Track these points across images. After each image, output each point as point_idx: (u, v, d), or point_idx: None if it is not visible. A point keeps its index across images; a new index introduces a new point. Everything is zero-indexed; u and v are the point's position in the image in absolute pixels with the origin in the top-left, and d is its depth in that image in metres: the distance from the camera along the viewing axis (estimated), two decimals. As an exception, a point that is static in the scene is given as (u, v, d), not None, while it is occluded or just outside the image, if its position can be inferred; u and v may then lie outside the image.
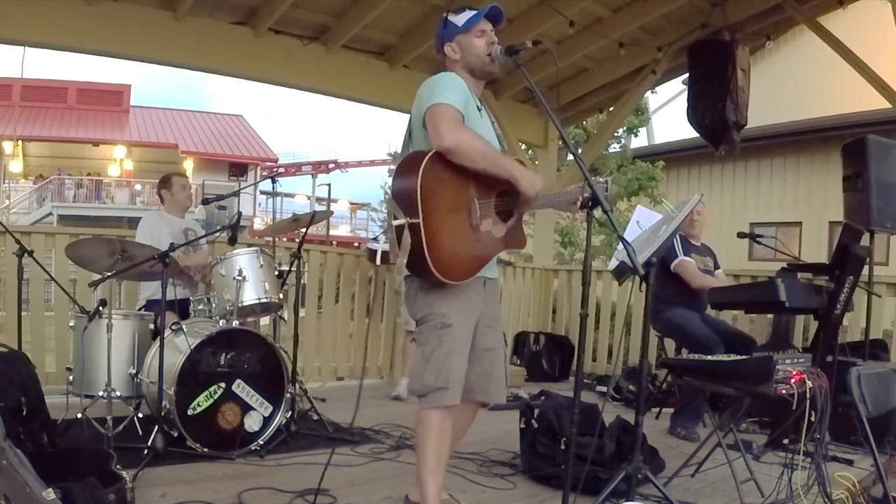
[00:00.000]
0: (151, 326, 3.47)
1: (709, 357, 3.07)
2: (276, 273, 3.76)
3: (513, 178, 2.25)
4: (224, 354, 3.17)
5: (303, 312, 4.82)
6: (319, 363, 5.25)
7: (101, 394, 3.11)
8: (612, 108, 7.01)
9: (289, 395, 3.41)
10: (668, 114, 47.77)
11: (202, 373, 3.10)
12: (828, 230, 9.67)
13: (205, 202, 3.89)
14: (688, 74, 5.76)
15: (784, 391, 2.57)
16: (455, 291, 2.27)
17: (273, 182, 11.65)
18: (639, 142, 13.32)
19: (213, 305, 3.51)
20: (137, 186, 24.55)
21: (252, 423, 3.21)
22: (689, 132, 6.02)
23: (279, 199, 27.25)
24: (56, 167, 23.72)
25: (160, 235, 3.76)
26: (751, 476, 2.96)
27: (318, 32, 5.22)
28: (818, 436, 2.64)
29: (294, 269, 3.90)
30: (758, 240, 4.61)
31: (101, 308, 3.07)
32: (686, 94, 5.73)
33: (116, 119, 25.42)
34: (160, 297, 3.10)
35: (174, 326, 3.26)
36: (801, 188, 10.68)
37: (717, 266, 4.49)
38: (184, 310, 3.70)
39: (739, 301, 4.03)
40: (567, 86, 6.49)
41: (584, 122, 10.97)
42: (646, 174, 11.30)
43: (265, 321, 4.21)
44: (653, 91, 9.53)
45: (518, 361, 6.28)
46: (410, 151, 2.32)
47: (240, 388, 3.18)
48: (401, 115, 6.34)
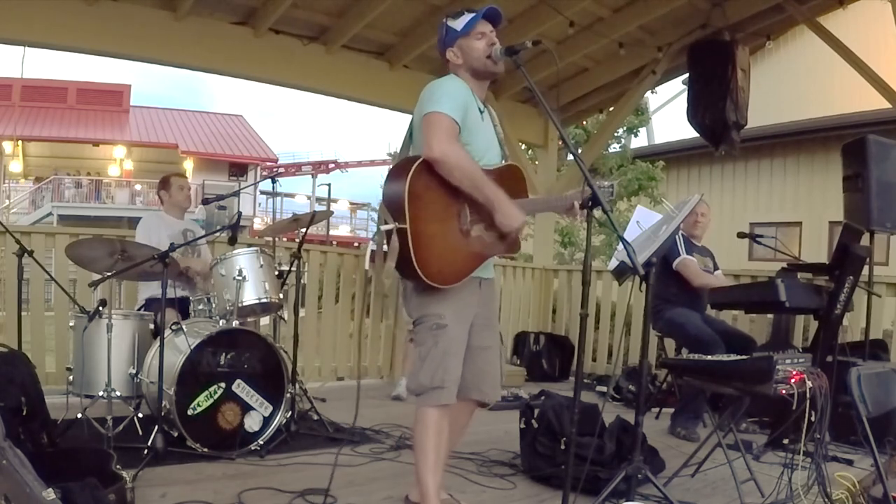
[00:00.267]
0: (151, 326, 3.47)
1: (709, 357, 3.07)
2: (276, 273, 3.76)
3: (492, 208, 2.24)
4: (224, 354, 3.17)
5: (303, 312, 4.82)
6: (319, 363, 5.25)
7: (101, 394, 3.12)
8: (612, 108, 7.01)
9: (289, 395, 3.41)
10: (668, 114, 47.85)
11: (202, 373, 3.10)
12: (828, 230, 9.68)
13: (205, 202, 3.89)
14: (688, 74, 5.76)
15: (784, 391, 2.57)
16: (450, 292, 2.28)
17: (273, 182, 11.66)
18: (639, 142, 13.35)
19: (213, 305, 3.51)
20: (137, 186, 24.56)
21: (252, 423, 3.21)
22: (689, 132, 6.02)
23: (279, 199, 27.28)
24: (56, 167, 23.72)
25: (159, 236, 3.76)
26: (751, 476, 2.96)
27: (318, 32, 5.22)
28: (818, 436, 2.64)
29: (294, 269, 3.90)
30: (758, 240, 4.61)
31: (101, 308, 3.08)
32: (686, 94, 5.73)
33: (116, 119, 25.42)
34: (160, 296, 3.10)
35: (174, 326, 3.26)
36: (801, 188, 10.69)
37: (717, 267, 4.51)
38: (184, 309, 3.70)
39: (739, 301, 4.03)
40: (567, 86, 6.49)
41: (584, 122, 10.96)
42: (646, 174, 11.30)
43: (265, 321, 4.21)
44: (653, 91, 9.53)
45: (518, 361, 6.28)
46: (406, 154, 2.32)
47: (240, 388, 3.19)
48: (401, 115, 6.34)
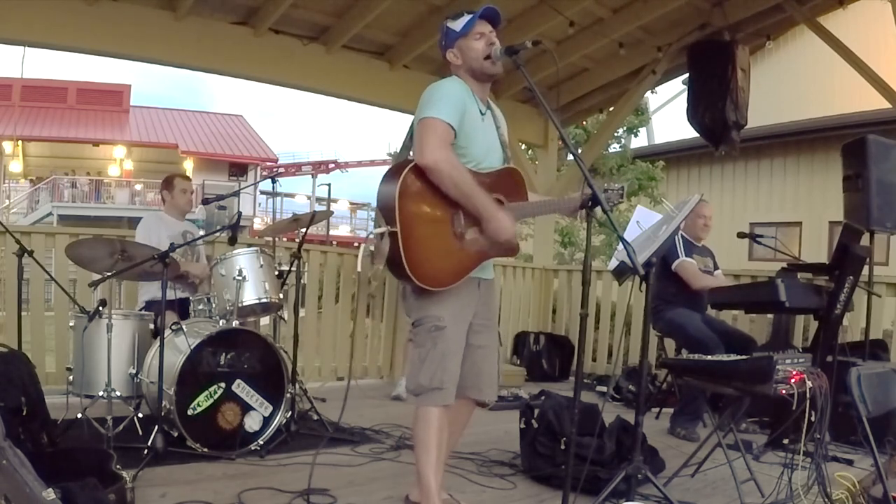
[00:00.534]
0: (151, 326, 3.47)
1: (709, 357, 3.07)
2: (276, 273, 3.76)
3: (481, 218, 2.24)
4: (224, 354, 3.17)
5: (303, 312, 4.82)
6: (319, 363, 5.25)
7: (101, 394, 3.11)
8: (612, 108, 7.01)
9: (289, 395, 3.41)
10: (668, 114, 47.83)
11: (202, 373, 3.10)
12: (828, 230, 9.68)
13: (205, 202, 3.89)
14: (688, 74, 5.76)
15: (784, 391, 2.57)
16: (448, 294, 2.28)
17: (273, 182, 11.65)
18: (639, 142, 13.36)
19: (213, 305, 3.51)
20: (137, 186, 24.55)
21: (252, 423, 3.21)
22: (689, 132, 6.03)
23: (279, 199, 27.29)
24: (56, 167, 23.72)
25: (158, 237, 3.75)
26: (751, 476, 2.96)
27: (318, 32, 5.22)
28: (818, 436, 2.64)
29: (294, 269, 3.90)
30: (758, 240, 4.61)
31: (101, 308, 3.07)
32: (686, 94, 5.73)
33: (116, 119, 25.42)
34: (160, 298, 3.10)
35: (174, 326, 3.26)
36: (801, 188, 10.69)
37: (717, 266, 4.50)
38: (184, 310, 3.70)
39: (739, 301, 4.03)
40: (567, 86, 6.49)
41: (584, 122, 10.96)
42: (646, 174, 11.30)
43: (265, 321, 4.21)
44: (653, 91, 9.53)
45: (518, 361, 6.28)
46: (405, 155, 2.33)
47: (240, 388, 3.19)
48: (401, 115, 6.34)
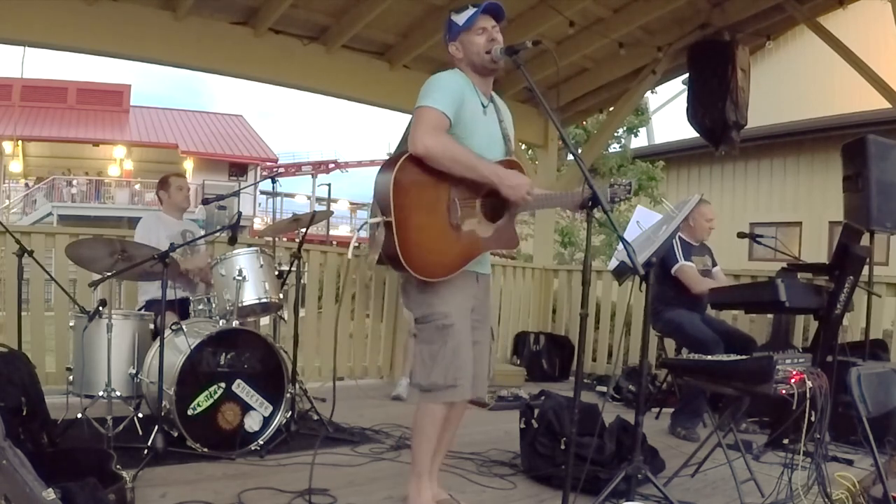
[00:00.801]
0: (151, 326, 3.47)
1: (709, 357, 3.07)
2: (276, 273, 3.76)
3: (492, 184, 2.26)
4: (224, 354, 3.17)
5: (303, 312, 4.82)
6: (319, 363, 5.25)
7: (101, 394, 3.11)
8: (612, 108, 7.00)
9: (289, 395, 3.41)
10: (668, 114, 47.81)
11: (202, 373, 3.10)
12: (828, 230, 9.68)
13: (205, 202, 3.89)
14: (688, 74, 5.77)
15: (784, 391, 2.57)
16: (451, 289, 2.30)
17: (273, 182, 11.68)
18: (639, 142, 13.35)
19: (213, 305, 3.51)
20: (137, 186, 24.55)
21: (252, 423, 3.21)
22: (689, 132, 6.03)
23: (279, 199, 27.32)
24: (56, 167, 23.71)
25: (158, 238, 3.75)
26: (751, 476, 2.96)
27: (318, 32, 5.21)
28: (818, 436, 2.64)
29: (294, 269, 3.90)
30: (758, 240, 4.61)
31: (101, 308, 3.07)
32: (686, 94, 5.73)
33: (116, 119, 25.43)
34: (160, 298, 3.10)
35: (174, 326, 3.26)
36: (801, 188, 10.69)
37: (715, 263, 4.48)
38: (184, 309, 3.70)
39: (739, 301, 4.03)
40: (567, 86, 6.49)
41: (584, 122, 10.96)
42: (646, 174, 11.29)
43: (265, 321, 4.21)
44: (653, 91, 9.53)
45: (518, 361, 6.28)
46: (402, 149, 2.34)
47: (240, 388, 3.19)
48: (401, 115, 6.33)
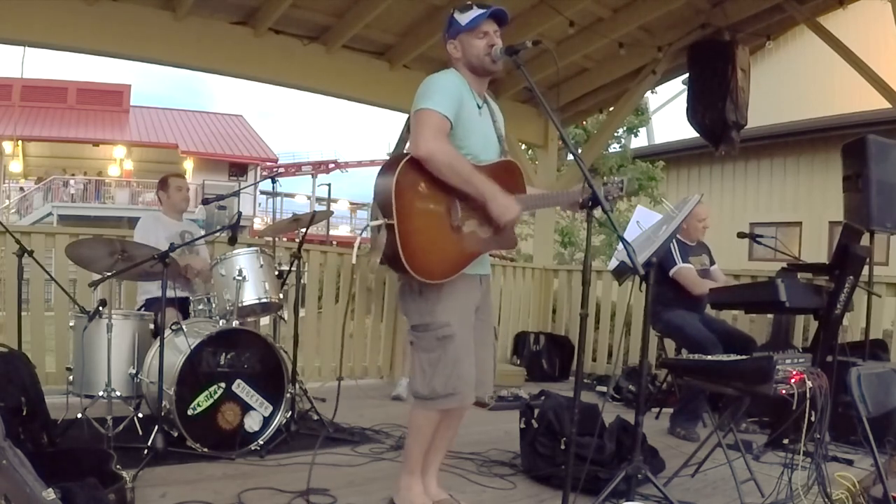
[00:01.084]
0: (151, 326, 3.47)
1: (709, 357, 3.07)
2: (276, 273, 3.76)
3: (483, 201, 2.25)
4: (224, 354, 3.17)
5: (303, 312, 4.82)
6: (319, 363, 5.25)
7: (101, 394, 3.11)
8: (612, 108, 7.00)
9: (289, 395, 3.41)
10: (668, 114, 47.82)
11: (202, 373, 3.10)
12: (828, 230, 9.68)
13: (205, 202, 3.89)
14: (688, 74, 5.76)
15: (784, 391, 2.57)
16: (454, 296, 2.29)
17: (273, 182, 11.67)
18: (639, 142, 13.35)
19: (213, 305, 3.51)
20: (137, 186, 24.54)
21: (252, 423, 3.21)
22: (689, 132, 6.03)
23: (279, 199, 27.32)
24: (56, 167, 23.70)
25: (157, 238, 3.74)
26: (751, 476, 2.96)
27: (318, 32, 5.21)
28: (818, 436, 2.64)
29: (294, 269, 3.90)
30: (758, 240, 4.61)
31: (101, 308, 3.07)
32: (686, 94, 5.73)
33: (116, 119, 25.42)
34: (159, 296, 3.10)
35: (174, 326, 3.25)
36: (801, 188, 10.69)
37: (713, 262, 4.47)
38: (184, 309, 3.70)
39: (739, 301, 4.03)
40: (567, 86, 6.48)
41: (584, 122, 10.96)
42: (646, 174, 11.29)
43: (265, 321, 4.21)
44: (653, 91, 9.53)
45: (518, 361, 6.28)
46: (401, 149, 2.33)
47: (240, 388, 3.19)
48: (401, 115, 6.33)
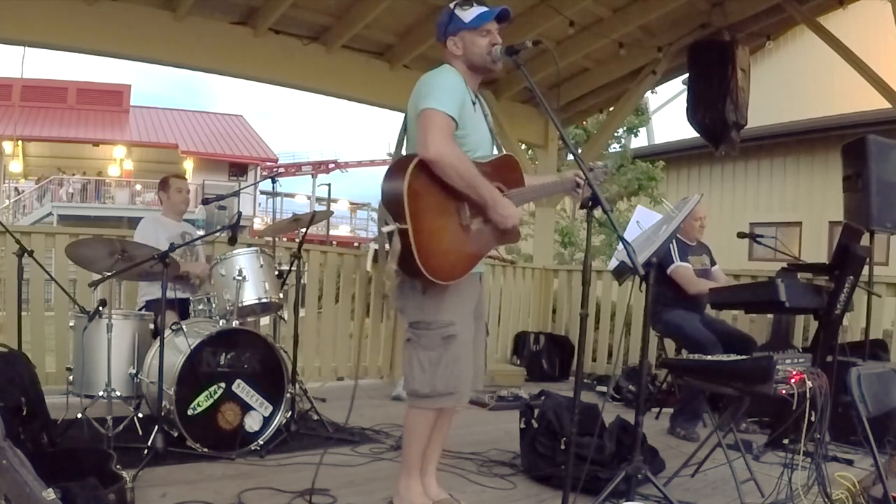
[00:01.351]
0: (151, 326, 3.47)
1: (709, 357, 3.07)
2: (276, 273, 3.76)
3: (485, 206, 2.24)
4: (224, 354, 3.17)
5: (303, 312, 4.82)
6: (319, 363, 5.25)
7: (101, 394, 3.11)
8: (612, 108, 7.01)
9: (289, 395, 3.41)
10: (668, 114, 47.77)
11: (202, 373, 3.10)
12: (828, 230, 9.68)
13: (205, 202, 3.89)
14: (688, 74, 5.76)
15: (784, 391, 2.57)
16: (455, 296, 2.29)
17: (273, 182, 11.65)
18: (639, 142, 13.34)
19: (213, 305, 3.51)
20: (137, 186, 24.54)
21: (252, 423, 3.21)
22: (689, 132, 6.03)
23: (279, 199, 27.28)
24: (56, 167, 23.69)
25: (157, 239, 3.74)
26: (751, 476, 2.96)
27: (318, 32, 5.22)
28: (818, 436, 2.64)
29: (294, 269, 3.90)
30: (758, 240, 4.60)
31: (101, 308, 3.07)
32: (686, 94, 5.73)
33: (116, 119, 25.41)
34: (160, 297, 3.10)
35: (174, 326, 3.26)
36: (801, 188, 10.69)
37: (714, 262, 4.47)
38: (184, 310, 3.70)
39: (739, 301, 4.02)
40: (567, 86, 6.49)
41: (584, 122, 10.95)
42: (646, 174, 11.29)
43: (265, 321, 4.21)
44: (653, 91, 9.52)
45: (518, 361, 6.28)
46: (401, 153, 2.33)
47: (240, 388, 3.19)
48: (401, 115, 6.33)
